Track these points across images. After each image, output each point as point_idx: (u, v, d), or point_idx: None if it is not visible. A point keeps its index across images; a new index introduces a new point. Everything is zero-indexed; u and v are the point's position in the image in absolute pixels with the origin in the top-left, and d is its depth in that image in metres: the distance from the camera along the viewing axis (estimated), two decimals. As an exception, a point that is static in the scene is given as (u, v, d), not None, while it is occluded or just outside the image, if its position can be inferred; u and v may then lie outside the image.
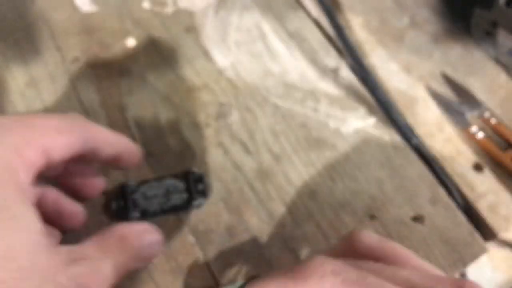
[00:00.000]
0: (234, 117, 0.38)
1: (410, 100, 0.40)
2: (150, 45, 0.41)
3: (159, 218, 0.34)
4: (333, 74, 0.41)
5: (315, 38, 0.42)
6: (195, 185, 0.34)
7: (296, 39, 0.42)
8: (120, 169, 0.32)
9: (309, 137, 0.38)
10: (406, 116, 0.39)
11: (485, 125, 0.39)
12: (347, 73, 0.41)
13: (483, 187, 0.37)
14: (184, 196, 0.34)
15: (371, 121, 0.39)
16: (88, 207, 0.30)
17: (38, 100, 0.38)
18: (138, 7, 0.43)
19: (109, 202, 0.34)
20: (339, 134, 0.38)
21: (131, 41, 0.41)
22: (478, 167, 0.38)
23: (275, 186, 0.36)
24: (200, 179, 0.34)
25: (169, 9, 0.43)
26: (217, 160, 0.36)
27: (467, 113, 0.39)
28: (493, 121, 0.39)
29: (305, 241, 0.34)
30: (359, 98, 0.40)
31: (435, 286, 0.21)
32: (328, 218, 0.35)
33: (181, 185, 0.34)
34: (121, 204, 0.33)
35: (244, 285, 0.24)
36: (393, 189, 0.36)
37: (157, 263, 0.33)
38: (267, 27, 0.43)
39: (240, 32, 0.42)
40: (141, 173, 0.35)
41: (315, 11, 0.44)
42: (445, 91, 0.41)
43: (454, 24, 0.43)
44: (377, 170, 0.37)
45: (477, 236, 0.35)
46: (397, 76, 0.41)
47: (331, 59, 0.41)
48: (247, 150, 0.37)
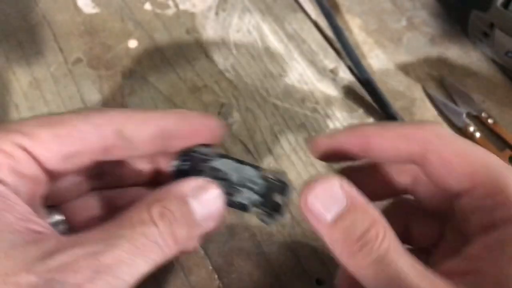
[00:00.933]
0: (235, 118, 0.39)
1: (408, 101, 0.41)
2: (152, 46, 0.42)
3: None
4: (332, 75, 0.41)
5: (314, 40, 0.43)
6: (274, 193, 0.25)
7: (295, 40, 0.43)
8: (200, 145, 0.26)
9: (308, 137, 0.38)
10: (404, 116, 0.40)
11: (482, 125, 0.40)
12: (345, 74, 0.41)
13: (479, 186, 0.37)
14: (255, 198, 0.25)
15: (370, 121, 0.39)
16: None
17: (41, 101, 0.39)
18: (140, 8, 0.44)
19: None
20: (338, 134, 0.38)
21: (133, 42, 0.42)
22: (475, 167, 0.38)
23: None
24: (283, 190, 0.25)
25: (170, 10, 0.44)
26: (217, 160, 0.37)
27: (464, 114, 0.40)
28: (490, 121, 0.39)
29: (305, 240, 0.34)
30: (358, 99, 0.40)
31: None
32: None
33: (260, 184, 0.25)
34: (183, 167, 0.26)
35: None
36: (391, 188, 0.37)
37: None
38: (267, 28, 0.43)
39: (240, 33, 0.43)
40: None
41: (314, 13, 0.44)
42: (442, 91, 0.41)
43: (452, 25, 0.44)
44: (375, 169, 0.37)
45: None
46: (395, 77, 0.42)
47: (330, 60, 0.42)
48: (247, 150, 0.38)
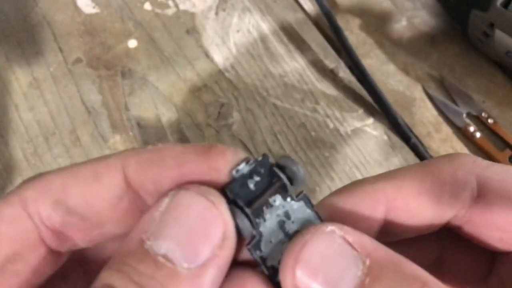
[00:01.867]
0: (234, 118, 0.39)
1: (408, 101, 0.41)
2: (152, 46, 0.42)
3: None
4: (332, 75, 0.41)
5: (314, 40, 0.43)
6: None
7: (295, 40, 0.43)
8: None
9: (308, 137, 0.38)
10: (404, 116, 0.39)
11: (482, 125, 0.40)
12: (345, 74, 0.41)
13: (480, 186, 0.37)
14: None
15: (370, 121, 0.39)
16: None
17: (41, 101, 0.39)
18: (139, 8, 0.43)
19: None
20: (338, 134, 0.39)
21: (132, 42, 0.42)
22: (475, 167, 0.38)
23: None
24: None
25: (170, 10, 0.44)
26: (217, 160, 0.37)
27: (464, 113, 0.40)
28: (490, 121, 0.39)
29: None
30: (358, 99, 0.40)
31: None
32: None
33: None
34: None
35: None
36: (391, 188, 0.37)
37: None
38: (267, 28, 0.43)
39: (240, 33, 0.43)
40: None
41: (314, 12, 0.44)
42: (442, 91, 0.41)
43: (452, 25, 0.44)
44: (375, 170, 0.37)
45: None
46: (395, 77, 0.42)
47: (330, 60, 0.42)
48: (247, 150, 0.37)
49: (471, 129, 0.39)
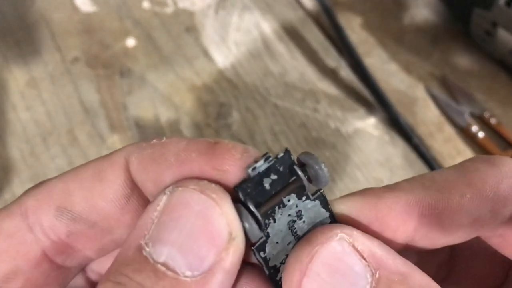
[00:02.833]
0: (234, 117, 0.38)
1: (410, 100, 0.40)
2: (150, 45, 0.41)
3: None
4: (333, 74, 0.41)
5: (315, 38, 0.42)
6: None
7: (296, 39, 0.42)
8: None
9: (309, 137, 0.38)
10: (405, 116, 0.39)
11: (485, 125, 0.39)
12: (347, 73, 0.41)
13: (482, 187, 0.37)
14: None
15: (371, 121, 0.39)
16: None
17: (38, 100, 0.38)
18: (138, 7, 0.43)
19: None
20: (339, 134, 0.38)
21: (131, 41, 0.41)
22: (477, 167, 0.38)
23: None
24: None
25: (169, 9, 0.43)
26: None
27: (466, 113, 0.39)
28: (492, 121, 0.39)
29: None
30: (359, 98, 0.40)
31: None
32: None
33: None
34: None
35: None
36: (393, 189, 0.36)
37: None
38: (267, 27, 0.43)
39: (240, 32, 0.42)
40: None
41: (315, 11, 0.44)
42: (444, 91, 0.41)
43: (454, 24, 0.44)
44: (377, 170, 0.37)
45: (476, 236, 0.35)
46: (396, 76, 0.41)
47: (331, 59, 0.41)
48: (247, 150, 0.37)
49: (474, 128, 0.39)
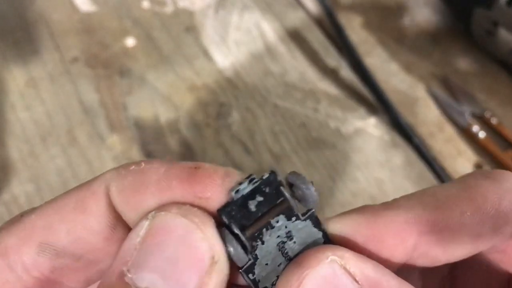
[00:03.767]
0: (234, 117, 0.38)
1: (410, 100, 0.40)
2: (150, 45, 0.41)
3: None
4: (333, 74, 0.41)
5: (315, 38, 0.42)
6: None
7: (296, 39, 0.42)
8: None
9: (309, 137, 0.38)
10: (406, 116, 0.39)
11: (485, 125, 0.39)
12: (347, 73, 0.41)
13: (483, 187, 0.37)
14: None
15: (371, 121, 0.39)
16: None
17: (38, 100, 0.38)
18: (137, 6, 0.43)
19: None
20: (339, 134, 0.38)
21: (130, 41, 0.41)
22: (478, 167, 0.38)
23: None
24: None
25: (168, 8, 0.43)
26: (217, 160, 0.36)
27: (467, 113, 0.39)
28: (493, 121, 0.39)
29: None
30: (359, 98, 0.40)
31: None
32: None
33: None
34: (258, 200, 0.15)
35: None
36: (394, 189, 0.36)
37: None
38: (267, 26, 0.43)
39: (240, 32, 0.42)
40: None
41: (315, 10, 0.44)
42: (445, 91, 0.41)
43: (455, 23, 0.43)
44: (377, 170, 0.37)
45: (477, 236, 0.35)
46: (397, 76, 0.41)
47: (331, 59, 0.41)
48: (247, 150, 0.37)
49: (475, 128, 0.38)
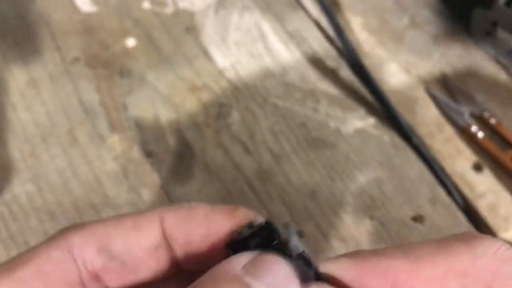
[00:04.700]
0: (234, 117, 0.38)
1: (410, 100, 0.40)
2: (150, 45, 0.41)
3: None
4: (333, 74, 0.41)
5: (314, 38, 0.42)
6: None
7: (296, 39, 0.42)
8: None
9: (309, 137, 0.38)
10: (405, 116, 0.39)
11: (484, 125, 0.39)
12: (347, 73, 0.41)
13: (482, 187, 0.37)
14: None
15: (371, 121, 0.39)
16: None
17: (38, 100, 0.38)
18: (138, 7, 0.43)
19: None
20: (339, 134, 0.38)
21: (131, 41, 0.41)
22: (477, 167, 0.38)
23: (275, 186, 0.36)
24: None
25: (169, 9, 0.43)
26: (217, 160, 0.37)
27: (466, 113, 0.39)
28: (492, 121, 0.39)
29: (305, 241, 0.34)
30: (359, 98, 0.40)
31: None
32: (328, 218, 0.35)
33: None
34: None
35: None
36: (393, 189, 0.36)
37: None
38: (267, 27, 0.43)
39: (240, 32, 0.42)
40: (140, 174, 0.35)
41: (315, 11, 0.44)
42: (444, 91, 0.41)
43: (454, 24, 0.44)
44: (377, 170, 0.37)
45: (476, 236, 0.35)
46: (396, 76, 0.41)
47: (331, 59, 0.41)
48: (247, 150, 0.37)
49: (474, 129, 0.39)
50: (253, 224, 0.18)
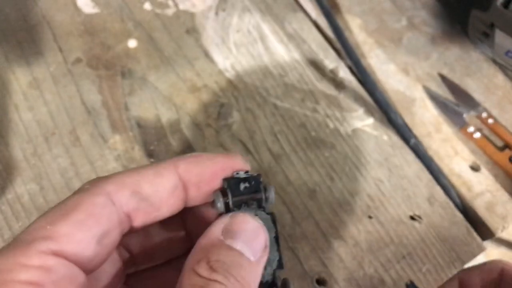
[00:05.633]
0: (234, 118, 0.39)
1: (408, 101, 0.41)
2: (151, 46, 0.42)
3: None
4: (332, 75, 0.41)
5: (314, 40, 0.43)
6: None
7: (295, 40, 0.43)
8: None
9: (308, 137, 0.38)
10: (404, 116, 0.39)
11: (482, 125, 0.40)
12: (345, 74, 0.41)
13: (480, 186, 0.37)
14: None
15: (370, 121, 0.39)
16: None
17: (41, 101, 0.39)
18: (139, 8, 0.43)
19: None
20: (338, 134, 0.39)
21: (132, 42, 0.42)
22: (475, 167, 0.38)
23: (274, 185, 0.36)
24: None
25: (170, 10, 0.44)
26: (217, 160, 0.37)
27: (464, 113, 0.40)
28: (490, 121, 0.39)
29: (305, 240, 0.34)
30: (358, 99, 0.40)
31: None
32: (327, 218, 0.35)
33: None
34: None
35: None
36: (391, 188, 0.37)
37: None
38: (267, 28, 0.43)
39: (240, 33, 0.43)
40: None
41: (314, 12, 0.44)
42: (442, 91, 0.41)
43: (452, 25, 0.44)
44: (375, 170, 0.37)
45: (474, 235, 0.35)
46: (395, 77, 0.42)
47: (330, 60, 0.42)
48: (247, 150, 0.37)
49: (471, 129, 0.39)
50: (248, 171, 0.24)
